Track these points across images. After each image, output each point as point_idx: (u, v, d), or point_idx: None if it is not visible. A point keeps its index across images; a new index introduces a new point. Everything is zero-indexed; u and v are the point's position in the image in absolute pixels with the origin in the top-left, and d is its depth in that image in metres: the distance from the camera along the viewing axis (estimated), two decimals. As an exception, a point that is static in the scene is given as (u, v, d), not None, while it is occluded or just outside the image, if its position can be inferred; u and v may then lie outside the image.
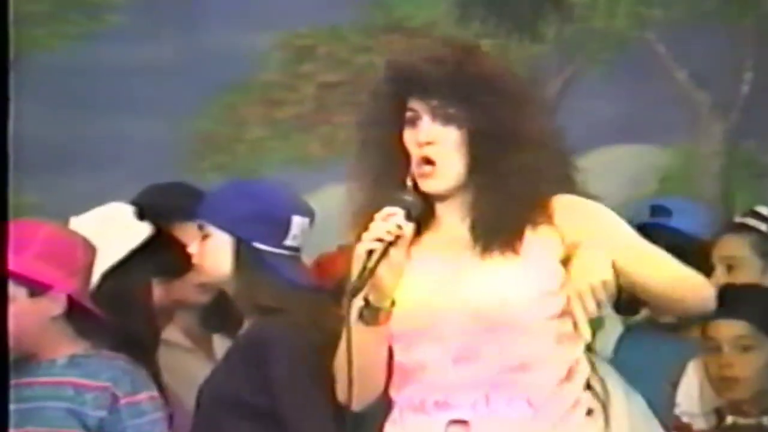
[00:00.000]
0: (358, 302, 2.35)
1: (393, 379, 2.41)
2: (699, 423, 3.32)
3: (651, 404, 3.30)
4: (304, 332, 2.68)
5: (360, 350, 2.34)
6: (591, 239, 2.37)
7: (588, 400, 2.42)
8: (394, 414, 2.41)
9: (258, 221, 2.80)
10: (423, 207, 2.38)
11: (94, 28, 4.54)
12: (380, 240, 2.33)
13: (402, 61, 2.41)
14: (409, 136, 2.39)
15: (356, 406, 2.39)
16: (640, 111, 4.55)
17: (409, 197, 2.37)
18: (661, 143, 4.66)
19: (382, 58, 4.64)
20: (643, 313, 3.68)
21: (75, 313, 2.96)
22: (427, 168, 2.37)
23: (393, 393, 2.42)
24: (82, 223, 3.10)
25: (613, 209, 4.56)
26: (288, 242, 2.82)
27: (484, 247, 2.35)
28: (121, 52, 4.48)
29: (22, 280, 2.91)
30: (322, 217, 2.86)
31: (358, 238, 2.36)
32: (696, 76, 4.64)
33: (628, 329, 3.81)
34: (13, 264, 2.89)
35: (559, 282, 2.37)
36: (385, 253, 2.33)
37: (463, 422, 2.33)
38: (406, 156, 2.39)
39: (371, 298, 2.35)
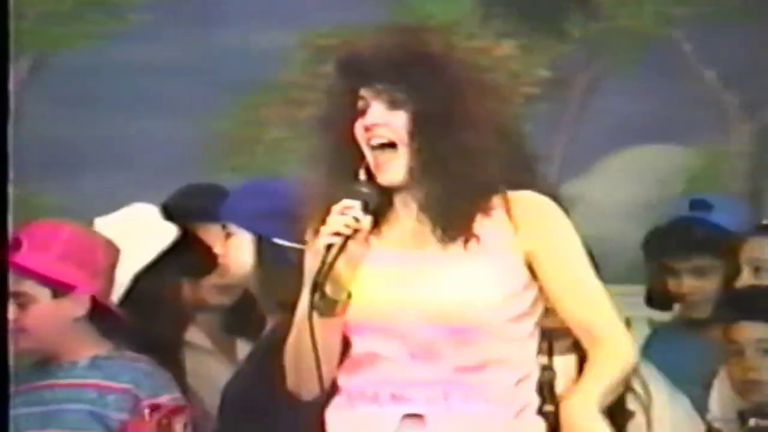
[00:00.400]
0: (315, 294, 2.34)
1: (344, 367, 2.40)
2: (730, 429, 3.30)
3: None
4: None
5: (319, 341, 2.33)
6: (543, 252, 2.36)
7: (537, 402, 2.40)
8: (340, 399, 2.40)
9: (277, 217, 2.79)
10: (379, 198, 2.38)
11: (116, 27, 4.53)
12: (338, 234, 2.33)
13: (349, 52, 2.42)
14: (359, 125, 2.39)
15: (306, 395, 2.40)
16: (667, 110, 4.52)
17: (365, 189, 2.36)
18: (688, 143, 4.62)
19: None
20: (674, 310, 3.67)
21: (97, 314, 2.95)
22: (375, 143, 2.36)
23: (341, 379, 2.40)
24: (107, 224, 3.09)
25: (639, 209, 4.56)
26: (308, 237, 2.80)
27: (442, 230, 2.35)
28: (143, 51, 4.47)
29: (46, 281, 2.90)
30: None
31: (316, 233, 2.35)
32: (723, 75, 4.60)
33: (655, 331, 3.78)
34: (36, 265, 2.90)
35: (523, 283, 2.37)
36: (343, 247, 2.32)
37: (418, 416, 2.32)
38: (359, 148, 2.39)
39: (328, 290, 2.34)
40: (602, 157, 4.60)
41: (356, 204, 2.34)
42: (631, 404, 3.25)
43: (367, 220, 2.35)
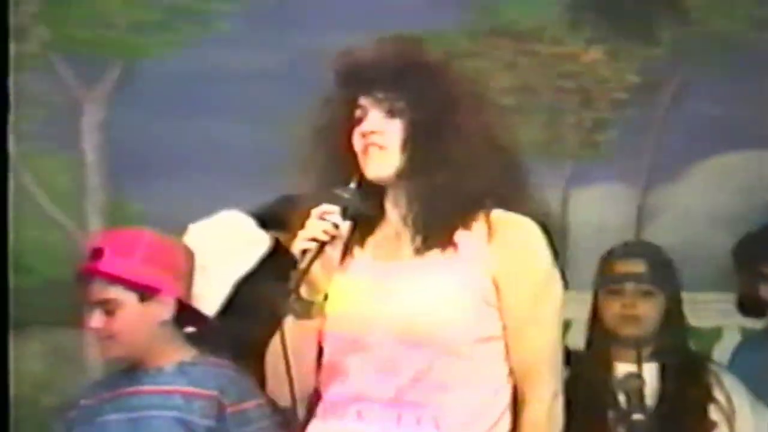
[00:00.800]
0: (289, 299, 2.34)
1: (321, 376, 2.39)
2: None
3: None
4: None
5: (291, 345, 2.35)
6: (507, 282, 2.32)
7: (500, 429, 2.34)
8: (319, 409, 2.39)
9: None
10: (361, 205, 2.36)
11: (203, 35, 4.56)
12: (315, 240, 2.31)
13: (349, 61, 2.41)
14: (356, 133, 2.38)
15: (282, 401, 2.40)
16: (759, 116, 4.43)
17: (346, 194, 2.35)
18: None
19: (489, 63, 4.65)
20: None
21: (182, 318, 2.97)
22: (373, 150, 2.35)
23: (322, 389, 2.40)
24: (201, 230, 3.11)
25: (729, 215, 4.48)
26: None
27: (423, 239, 2.32)
28: (229, 58, 4.50)
29: (132, 286, 2.93)
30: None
31: (294, 236, 2.36)
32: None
33: (746, 339, 3.72)
34: (122, 270, 2.92)
35: (491, 303, 2.33)
36: (319, 252, 2.31)
37: None
38: (354, 158, 2.38)
39: (303, 291, 2.34)
40: (692, 163, 4.53)
41: (335, 209, 2.33)
42: (714, 414, 3.21)
43: (345, 226, 2.34)
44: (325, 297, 2.35)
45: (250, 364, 2.95)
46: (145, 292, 2.93)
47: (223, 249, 3.06)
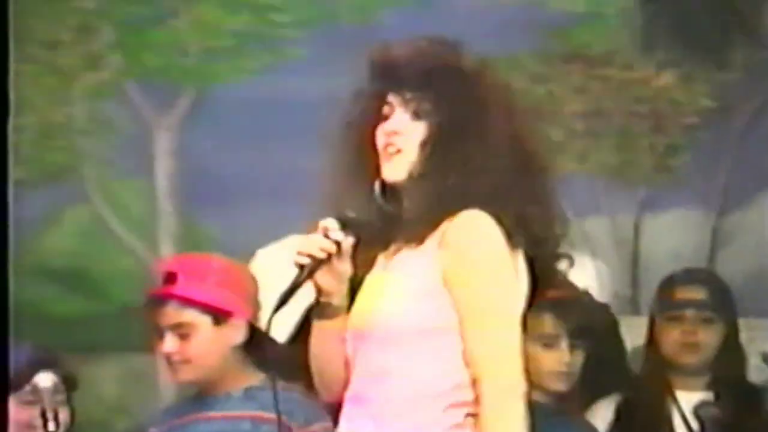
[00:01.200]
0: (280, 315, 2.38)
1: None
2: None
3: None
4: None
5: (315, 343, 2.41)
6: (455, 276, 2.29)
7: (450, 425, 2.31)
8: None
9: None
10: (367, 223, 2.34)
11: (275, 61, 4.59)
12: (311, 257, 2.32)
13: (384, 55, 2.40)
14: (380, 129, 2.38)
15: (323, 397, 2.46)
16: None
17: (350, 214, 2.34)
18: None
19: (561, 88, 4.63)
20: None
21: (251, 344, 2.98)
22: (391, 150, 2.35)
23: None
24: (269, 256, 3.13)
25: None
26: None
27: (410, 232, 2.32)
28: (301, 85, 4.52)
29: (207, 309, 2.95)
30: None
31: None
32: None
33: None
34: (197, 293, 2.95)
35: (440, 297, 2.29)
36: (317, 267, 2.32)
37: None
38: (378, 156, 2.38)
39: (316, 294, 2.38)
40: (766, 188, 4.47)
41: (335, 225, 2.33)
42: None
43: (348, 242, 2.33)
44: (350, 298, 2.37)
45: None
46: (219, 315, 2.95)
47: (292, 274, 3.06)
